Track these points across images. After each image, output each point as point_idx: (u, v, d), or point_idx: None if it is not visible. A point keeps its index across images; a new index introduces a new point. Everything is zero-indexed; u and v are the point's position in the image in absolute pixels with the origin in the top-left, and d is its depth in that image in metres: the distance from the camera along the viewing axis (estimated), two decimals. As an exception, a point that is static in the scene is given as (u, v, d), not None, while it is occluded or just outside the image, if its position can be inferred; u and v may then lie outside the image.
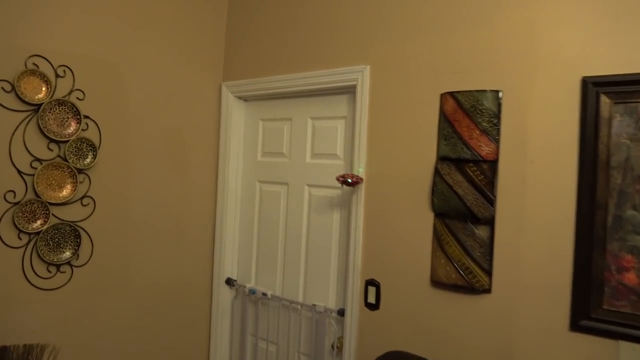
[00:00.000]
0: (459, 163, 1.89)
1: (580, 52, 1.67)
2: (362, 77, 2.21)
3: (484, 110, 1.83)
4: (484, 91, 1.84)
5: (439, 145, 1.96)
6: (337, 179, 2.20)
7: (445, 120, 1.94)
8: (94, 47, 2.28)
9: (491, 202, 1.82)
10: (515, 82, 1.80)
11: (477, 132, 1.84)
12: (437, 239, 1.96)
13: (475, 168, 1.85)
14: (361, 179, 2.19)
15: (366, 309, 2.19)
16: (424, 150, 2.03)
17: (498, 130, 1.81)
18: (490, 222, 1.83)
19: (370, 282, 2.18)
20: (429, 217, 2.00)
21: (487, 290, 1.83)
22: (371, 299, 2.17)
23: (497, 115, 1.81)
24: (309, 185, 2.54)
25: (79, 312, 2.27)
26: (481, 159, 1.83)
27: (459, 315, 1.91)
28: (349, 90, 2.36)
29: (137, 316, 2.51)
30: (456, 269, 1.90)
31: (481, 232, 1.84)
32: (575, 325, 1.64)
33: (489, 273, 1.83)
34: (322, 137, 2.50)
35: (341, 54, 2.33)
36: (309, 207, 2.54)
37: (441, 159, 1.95)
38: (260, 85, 2.65)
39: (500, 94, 1.82)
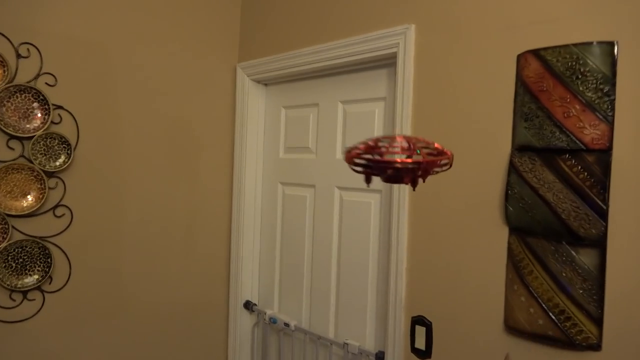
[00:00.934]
0: (547, 155, 1.27)
1: None
2: (405, 40, 1.63)
3: (588, 74, 1.20)
4: (588, 44, 1.21)
5: (516, 129, 1.35)
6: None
7: (525, 91, 1.32)
8: (71, 22, 1.84)
9: (601, 213, 1.19)
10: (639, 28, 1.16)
11: (578, 106, 1.21)
12: (514, 265, 1.35)
13: (574, 162, 1.23)
14: (448, 154, 0.83)
15: (413, 355, 1.61)
16: (493, 138, 1.42)
17: (611, 102, 1.18)
18: (599, 244, 1.20)
19: (418, 321, 1.60)
20: (501, 233, 1.40)
21: (595, 347, 1.21)
22: (419, 343, 1.59)
23: (611, 79, 1.18)
24: (340, 188, 1.99)
25: (57, 347, 1.84)
26: (584, 147, 1.20)
27: (549, 379, 1.30)
28: (389, 62, 1.78)
29: (134, 349, 2.06)
30: (545, 311, 1.28)
31: (585, 257, 1.22)
32: None
33: (597, 321, 1.20)
34: (355, 126, 1.94)
35: (377, 12, 1.76)
36: (339, 215, 1.99)
37: (519, 149, 1.34)
38: (281, 63, 2.12)
39: (616, 48, 1.18)
